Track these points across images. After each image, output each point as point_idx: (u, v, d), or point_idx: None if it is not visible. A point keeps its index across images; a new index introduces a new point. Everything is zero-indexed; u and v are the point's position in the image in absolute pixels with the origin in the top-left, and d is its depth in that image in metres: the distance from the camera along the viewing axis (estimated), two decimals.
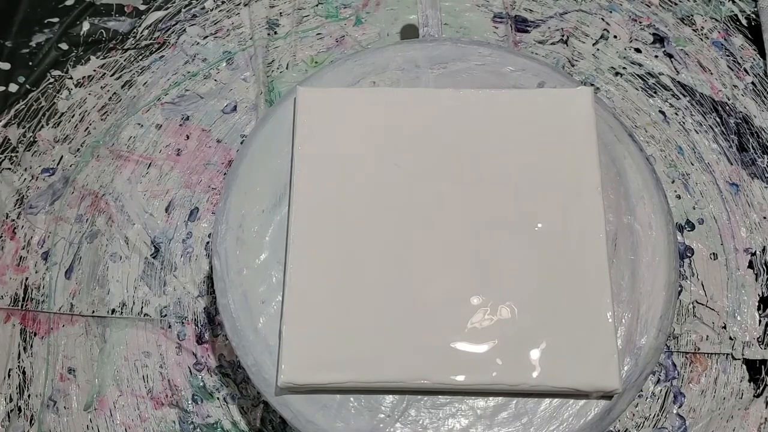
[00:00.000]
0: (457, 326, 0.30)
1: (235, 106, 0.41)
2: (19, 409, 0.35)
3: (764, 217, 0.38)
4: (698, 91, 0.42)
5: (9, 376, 0.36)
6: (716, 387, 0.35)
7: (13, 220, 0.39)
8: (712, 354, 0.36)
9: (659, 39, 0.43)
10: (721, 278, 0.37)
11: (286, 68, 0.42)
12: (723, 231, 0.38)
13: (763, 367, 0.35)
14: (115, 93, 0.42)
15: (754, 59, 0.42)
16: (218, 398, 0.35)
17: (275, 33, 0.43)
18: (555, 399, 0.31)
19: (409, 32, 0.44)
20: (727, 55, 0.42)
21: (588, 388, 0.30)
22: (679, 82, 0.42)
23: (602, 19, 0.44)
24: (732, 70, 0.42)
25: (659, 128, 0.41)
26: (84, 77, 0.43)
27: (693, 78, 0.42)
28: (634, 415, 0.35)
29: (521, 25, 0.43)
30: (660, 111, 0.41)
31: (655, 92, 0.41)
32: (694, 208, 0.39)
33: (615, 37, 0.43)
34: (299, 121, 0.34)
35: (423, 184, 0.32)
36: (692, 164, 0.40)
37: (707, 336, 0.36)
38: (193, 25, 0.44)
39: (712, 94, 0.41)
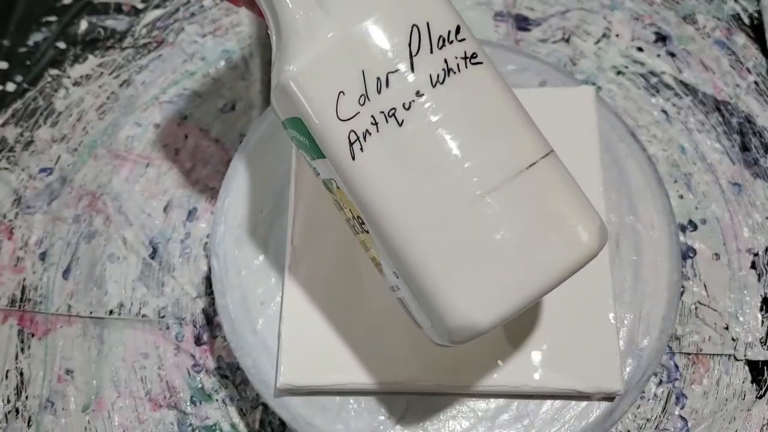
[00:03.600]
0: None
1: (234, 106, 0.41)
2: (17, 411, 0.35)
3: (767, 218, 0.38)
4: (701, 91, 0.41)
5: (6, 377, 0.35)
6: (718, 388, 0.35)
7: (11, 221, 0.39)
8: (714, 355, 0.35)
9: (661, 38, 0.43)
10: (723, 279, 0.37)
11: None
12: (725, 231, 0.38)
13: (765, 368, 0.35)
14: (113, 92, 0.42)
15: (756, 58, 0.42)
16: (217, 400, 0.35)
17: None
18: (557, 401, 0.31)
19: None
20: (730, 54, 0.42)
21: (590, 389, 0.30)
22: (681, 81, 0.42)
23: (604, 17, 0.43)
24: (734, 69, 0.42)
25: (661, 128, 0.40)
26: (82, 76, 0.42)
27: (695, 77, 0.42)
28: (635, 416, 0.34)
29: (522, 23, 0.43)
30: (662, 110, 0.41)
31: (657, 91, 0.41)
32: (697, 208, 0.38)
33: (617, 35, 0.43)
34: None
35: None
36: (695, 164, 0.40)
37: (709, 337, 0.36)
38: (191, 23, 0.44)
39: (714, 93, 0.41)
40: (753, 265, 0.37)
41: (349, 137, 0.22)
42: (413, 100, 0.22)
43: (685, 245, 0.37)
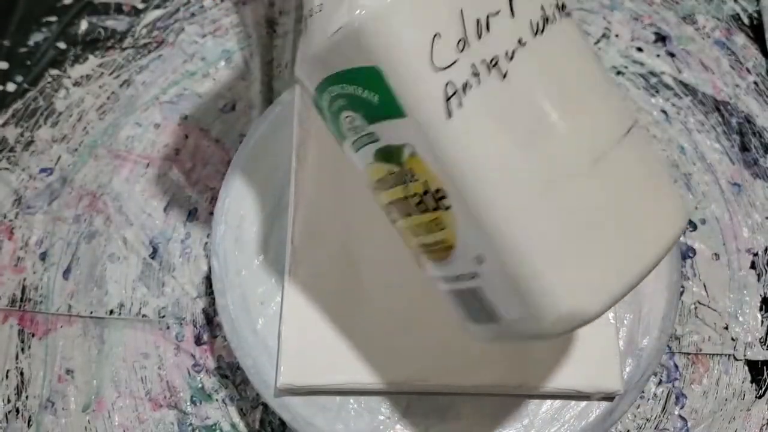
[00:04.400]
0: (458, 327, 0.30)
1: (234, 106, 0.41)
2: (17, 411, 0.35)
3: (766, 218, 0.38)
4: (700, 91, 0.41)
5: (7, 377, 0.35)
6: (718, 388, 0.35)
7: (11, 221, 0.39)
8: (714, 355, 0.35)
9: (661, 38, 0.43)
10: (723, 279, 0.37)
11: (285, 67, 0.42)
12: (725, 231, 0.38)
13: (765, 368, 0.35)
14: (113, 92, 0.42)
15: (756, 58, 0.42)
16: (217, 400, 0.35)
17: (274, 32, 0.43)
18: (556, 400, 0.31)
19: None
20: (729, 55, 0.42)
21: (589, 389, 0.30)
22: (681, 81, 0.42)
23: (604, 17, 0.43)
24: (734, 69, 0.42)
25: (661, 128, 0.40)
26: (82, 76, 0.42)
27: (695, 77, 0.42)
28: (635, 416, 0.34)
29: None
30: (662, 110, 0.41)
31: (657, 91, 0.41)
32: (696, 209, 0.38)
33: (617, 35, 0.43)
34: (298, 120, 0.33)
35: None
36: (694, 164, 0.40)
37: (709, 337, 0.36)
38: (191, 23, 0.44)
39: (714, 93, 0.41)
40: (752, 265, 0.37)
41: (446, 90, 0.19)
42: (516, 49, 0.19)
43: (684, 245, 0.37)
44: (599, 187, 0.20)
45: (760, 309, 0.36)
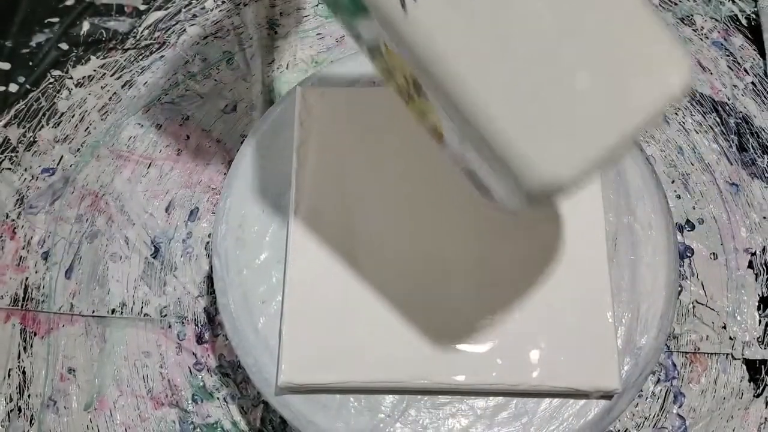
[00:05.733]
0: (457, 326, 0.30)
1: (235, 106, 0.41)
2: (19, 409, 0.35)
3: (764, 217, 0.38)
4: (698, 91, 0.42)
5: (9, 376, 0.36)
6: (716, 387, 0.35)
7: (13, 220, 0.39)
8: (712, 354, 0.36)
9: None
10: (721, 278, 0.37)
11: (287, 68, 0.42)
12: (723, 231, 0.38)
13: (763, 367, 0.35)
14: (115, 93, 0.42)
15: (753, 59, 0.42)
16: (218, 398, 0.35)
17: (275, 33, 0.43)
18: (555, 399, 0.31)
19: None
20: (727, 55, 0.42)
21: (588, 388, 0.30)
22: None
23: None
24: (732, 69, 0.42)
25: (659, 128, 0.41)
26: (84, 77, 0.43)
27: (693, 78, 0.42)
28: (634, 415, 0.35)
29: None
30: None
31: None
32: (694, 208, 0.39)
33: None
34: (299, 121, 0.34)
35: (424, 184, 0.32)
36: (692, 164, 0.40)
37: (707, 336, 0.36)
38: (193, 25, 0.44)
39: (712, 94, 0.41)
40: (750, 265, 0.37)
41: None
42: None
43: (682, 245, 0.38)
44: (569, 57, 0.19)
45: (758, 308, 0.37)
